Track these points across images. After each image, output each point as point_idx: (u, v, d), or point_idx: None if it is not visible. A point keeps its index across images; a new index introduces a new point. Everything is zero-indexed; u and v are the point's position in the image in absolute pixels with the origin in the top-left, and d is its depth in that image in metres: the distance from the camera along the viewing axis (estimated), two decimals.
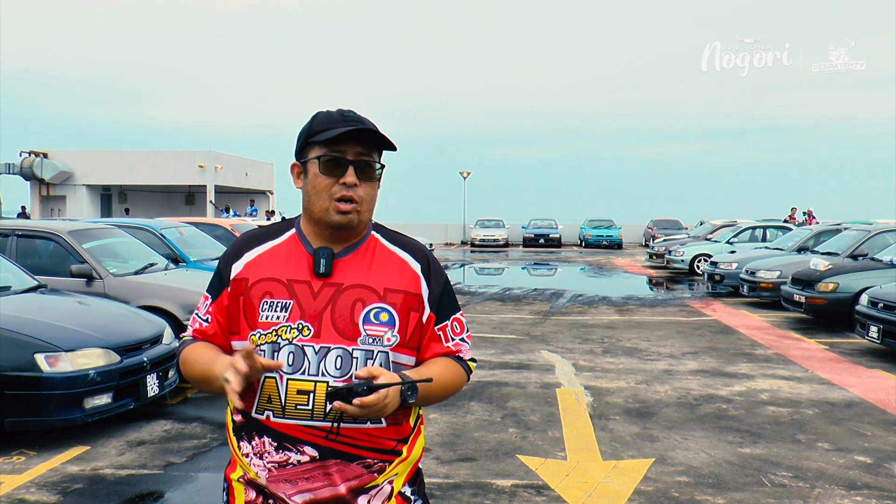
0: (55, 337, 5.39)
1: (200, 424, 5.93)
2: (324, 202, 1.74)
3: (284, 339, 1.71)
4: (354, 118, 1.76)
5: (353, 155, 1.74)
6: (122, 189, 37.69)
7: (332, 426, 1.69)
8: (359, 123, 1.75)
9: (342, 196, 1.73)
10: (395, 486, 1.81)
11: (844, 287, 10.78)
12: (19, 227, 8.49)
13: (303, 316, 1.72)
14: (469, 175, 41.19)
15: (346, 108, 1.80)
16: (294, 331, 1.71)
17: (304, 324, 1.71)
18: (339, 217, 1.74)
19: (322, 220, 1.76)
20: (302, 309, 1.72)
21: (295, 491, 1.72)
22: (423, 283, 1.82)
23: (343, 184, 1.73)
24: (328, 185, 1.74)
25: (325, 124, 1.76)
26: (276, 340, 1.71)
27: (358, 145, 1.75)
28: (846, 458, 5.19)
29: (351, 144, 1.74)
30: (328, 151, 1.74)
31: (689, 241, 22.99)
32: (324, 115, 1.78)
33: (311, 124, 1.78)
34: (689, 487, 4.62)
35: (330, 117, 1.77)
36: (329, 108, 1.81)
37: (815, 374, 7.97)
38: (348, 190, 1.73)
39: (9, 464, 4.99)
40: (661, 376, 7.79)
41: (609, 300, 14.72)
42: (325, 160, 1.74)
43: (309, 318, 1.71)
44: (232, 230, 13.75)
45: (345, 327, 1.71)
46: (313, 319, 1.71)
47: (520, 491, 4.54)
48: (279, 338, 1.71)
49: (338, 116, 1.76)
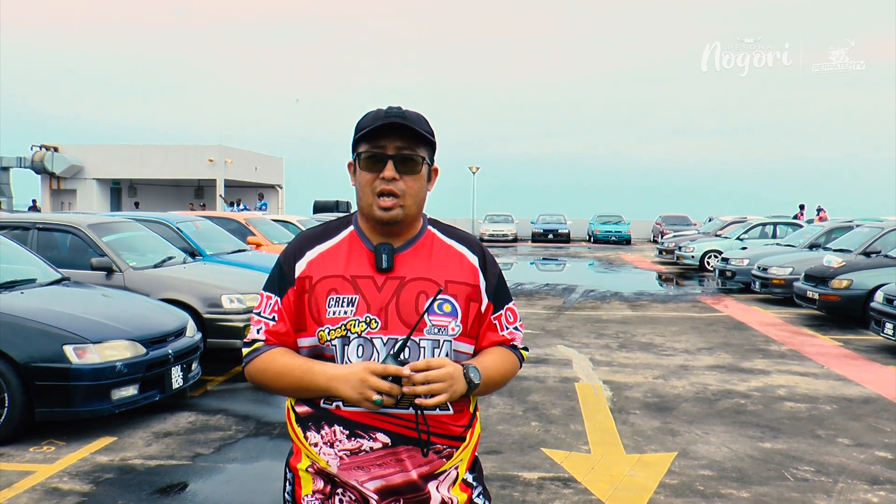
0: (83, 329, 5.45)
1: (224, 416, 5.99)
2: (367, 198, 1.79)
3: (353, 333, 1.75)
4: (396, 113, 1.79)
5: (393, 149, 1.77)
6: (132, 183, 37.81)
7: (417, 413, 1.73)
8: (398, 118, 1.77)
9: (382, 190, 1.77)
10: (459, 472, 1.86)
11: (858, 284, 10.79)
12: (40, 220, 8.54)
13: (369, 309, 1.76)
14: (478, 170, 41.19)
15: (394, 104, 1.83)
16: (362, 324, 1.75)
17: (371, 317, 1.76)
18: (381, 213, 1.77)
19: (368, 215, 1.81)
20: (368, 303, 1.76)
21: (368, 478, 1.76)
22: (480, 275, 1.88)
23: (383, 178, 1.77)
24: (369, 180, 1.78)
25: (368, 121, 1.79)
26: (346, 335, 1.76)
27: (398, 139, 1.77)
28: (867, 454, 5.22)
29: (391, 139, 1.77)
30: (369, 147, 1.78)
31: (699, 237, 22.97)
32: (370, 113, 1.81)
33: (360, 122, 1.82)
34: (713, 481, 4.66)
35: (375, 114, 1.80)
36: (380, 107, 1.83)
37: (831, 370, 8.00)
38: (388, 184, 1.77)
39: (40, 453, 5.05)
40: (678, 371, 7.83)
41: (621, 296, 14.74)
42: (366, 156, 1.78)
43: (376, 311, 1.76)
44: (246, 224, 13.81)
45: (410, 318, 1.75)
46: (380, 312, 1.76)
47: (547, 483, 4.59)
48: (348, 332, 1.75)
49: (380, 113, 1.79)
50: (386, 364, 1.67)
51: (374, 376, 1.66)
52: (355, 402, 1.69)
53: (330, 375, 1.72)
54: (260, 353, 1.83)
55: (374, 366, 1.67)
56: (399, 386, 1.66)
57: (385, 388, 1.65)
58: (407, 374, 1.66)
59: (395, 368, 1.66)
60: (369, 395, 1.65)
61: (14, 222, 8.35)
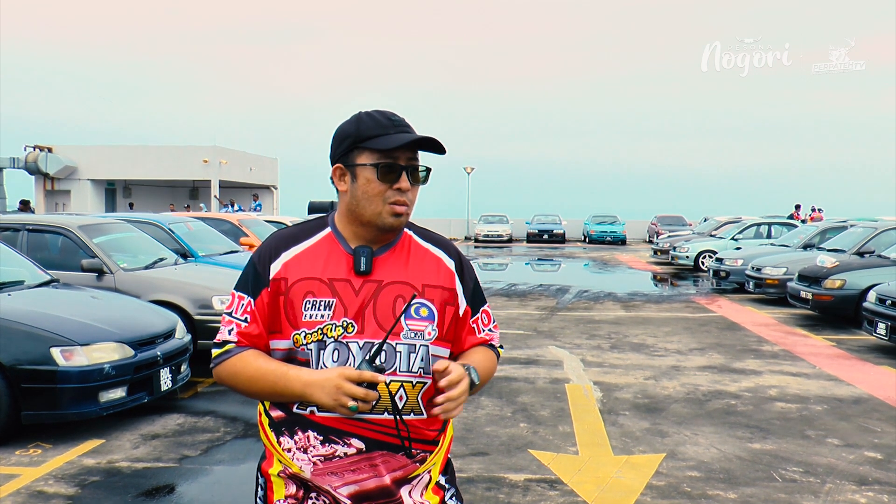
0: (70, 331, 5.43)
1: (213, 418, 5.97)
2: (377, 207, 1.77)
3: (330, 338, 1.74)
4: (402, 123, 1.79)
5: (405, 160, 1.77)
6: (127, 183, 37.74)
7: (396, 418, 1.73)
8: (408, 128, 1.79)
9: (396, 201, 1.77)
10: (432, 475, 1.85)
11: (851, 284, 10.80)
12: (29, 221, 8.51)
13: (346, 313, 1.75)
14: (473, 170, 41.19)
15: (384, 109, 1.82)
16: (339, 328, 1.74)
17: (348, 321, 1.74)
18: (393, 220, 1.77)
19: (372, 222, 1.78)
20: (345, 306, 1.75)
21: (341, 483, 1.75)
22: (457, 279, 1.88)
23: (397, 189, 1.77)
24: (382, 190, 1.76)
25: (375, 130, 1.76)
26: (322, 339, 1.74)
27: (408, 150, 1.78)
28: (856, 454, 5.22)
29: (402, 150, 1.77)
30: (382, 158, 1.76)
31: (694, 237, 22.99)
32: (371, 120, 1.79)
33: (358, 129, 1.78)
34: (700, 482, 4.65)
35: (378, 122, 1.78)
36: (367, 110, 1.82)
37: (823, 370, 8.00)
38: (402, 195, 1.77)
39: (26, 456, 5.03)
40: (669, 372, 7.82)
41: (615, 296, 14.74)
42: (383, 167, 1.76)
43: (353, 315, 1.75)
44: (239, 225, 13.78)
45: (387, 323, 1.74)
46: (357, 316, 1.75)
47: (533, 485, 4.58)
48: (325, 336, 1.74)
49: (386, 122, 1.78)
50: (361, 370, 1.64)
51: (349, 383, 1.63)
52: (330, 408, 1.67)
53: (305, 381, 1.69)
54: (231, 355, 1.80)
55: (349, 372, 1.65)
56: (375, 391, 1.65)
57: (360, 395, 1.63)
58: (382, 380, 1.64)
59: (371, 375, 1.64)
60: (345, 402, 1.63)
61: (4, 224, 8.31)
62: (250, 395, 1.80)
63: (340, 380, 1.64)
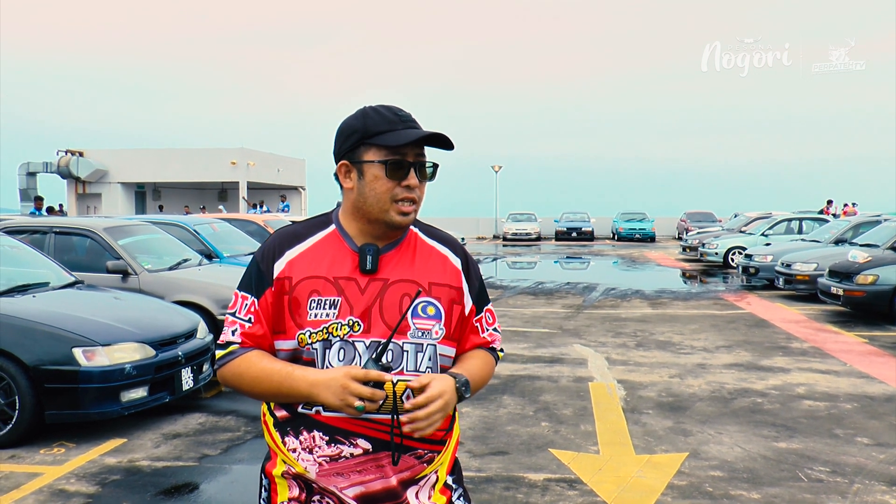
0: (92, 331, 5.48)
1: (234, 417, 5.99)
2: (384, 204, 1.74)
3: (336, 337, 1.71)
4: (409, 118, 1.76)
5: (413, 157, 1.74)
6: (156, 186, 38.19)
7: (394, 417, 1.69)
8: (414, 123, 1.75)
9: (404, 198, 1.74)
10: (439, 475, 1.82)
11: (885, 279, 10.57)
12: (56, 224, 8.64)
13: (352, 312, 1.72)
14: (500, 169, 41.09)
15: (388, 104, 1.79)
16: (345, 327, 1.71)
17: (353, 319, 1.72)
18: (401, 218, 1.74)
19: (380, 219, 1.75)
20: (351, 305, 1.72)
21: (347, 484, 1.72)
22: (463, 277, 1.86)
23: (406, 186, 1.74)
24: (391, 187, 1.73)
25: (382, 125, 1.73)
26: (328, 338, 1.71)
27: (416, 146, 1.75)
28: (887, 454, 5.09)
29: (410, 146, 1.74)
30: (390, 154, 1.72)
31: (723, 233, 22.67)
32: (377, 115, 1.75)
33: (365, 124, 1.74)
34: (723, 482, 4.56)
35: (385, 117, 1.74)
36: (373, 105, 1.78)
37: (854, 367, 7.83)
38: (410, 192, 1.74)
39: (49, 455, 5.09)
40: (695, 370, 7.71)
41: (642, 293, 14.60)
42: (392, 164, 1.72)
43: (358, 314, 1.72)
44: (265, 226, 13.86)
45: (394, 321, 1.71)
46: (363, 315, 1.72)
47: (552, 485, 4.53)
48: (331, 335, 1.71)
49: (393, 117, 1.74)
50: (367, 369, 1.62)
51: (355, 382, 1.61)
52: (337, 408, 1.65)
53: (311, 381, 1.67)
54: (236, 356, 1.77)
55: (355, 371, 1.62)
56: (382, 391, 1.62)
57: (367, 395, 1.60)
58: (389, 379, 1.62)
59: (377, 374, 1.61)
60: (351, 402, 1.61)
61: (32, 227, 8.46)
62: (255, 397, 1.78)
63: (346, 379, 1.61)
